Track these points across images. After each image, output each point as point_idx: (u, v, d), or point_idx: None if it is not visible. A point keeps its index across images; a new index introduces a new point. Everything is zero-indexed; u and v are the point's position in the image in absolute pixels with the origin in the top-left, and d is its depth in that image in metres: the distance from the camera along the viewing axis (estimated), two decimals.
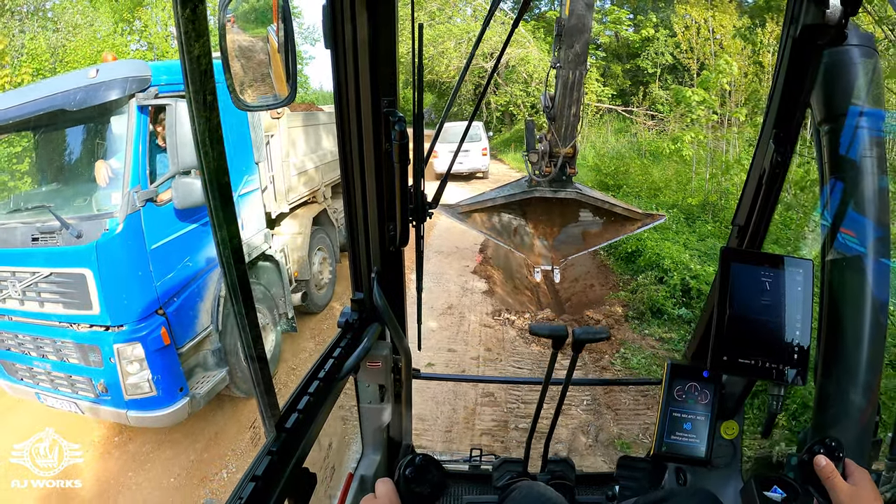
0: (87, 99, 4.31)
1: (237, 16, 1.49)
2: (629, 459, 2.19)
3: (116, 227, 4.38)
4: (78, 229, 4.35)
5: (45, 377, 5.03)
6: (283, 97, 1.39)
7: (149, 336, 4.55)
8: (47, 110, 4.43)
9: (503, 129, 31.17)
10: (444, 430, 5.21)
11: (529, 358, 6.54)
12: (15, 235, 4.60)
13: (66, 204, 4.68)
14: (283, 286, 6.62)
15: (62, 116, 4.53)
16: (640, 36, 23.23)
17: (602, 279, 9.44)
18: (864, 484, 1.14)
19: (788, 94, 1.55)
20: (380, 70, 1.52)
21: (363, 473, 2.06)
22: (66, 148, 5.14)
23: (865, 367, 1.58)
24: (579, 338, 1.82)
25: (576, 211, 8.15)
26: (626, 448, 4.91)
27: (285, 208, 7.10)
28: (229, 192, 0.93)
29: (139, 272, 4.56)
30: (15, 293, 4.68)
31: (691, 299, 7.50)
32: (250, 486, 1.06)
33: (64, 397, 4.99)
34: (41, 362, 4.94)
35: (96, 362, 4.59)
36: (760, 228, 1.76)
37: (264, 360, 1.12)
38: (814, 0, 1.31)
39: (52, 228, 4.42)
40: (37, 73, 13.64)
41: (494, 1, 1.91)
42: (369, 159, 1.64)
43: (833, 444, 1.22)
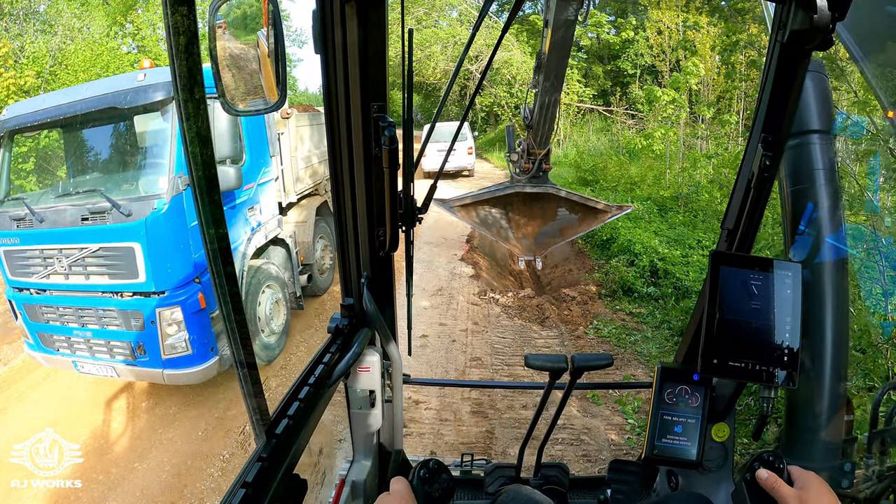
0: (136, 98, 5.00)
1: (227, 21, 1.50)
2: (621, 463, 2.21)
3: (163, 207, 5.03)
4: (128, 209, 4.99)
5: (84, 345, 5.59)
6: (272, 102, 1.41)
7: (188, 300, 5.21)
8: (100, 108, 5.10)
9: (488, 129, 31.92)
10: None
11: (512, 330, 7.27)
12: (65, 217, 5.21)
13: (114, 188, 5.28)
14: (293, 268, 7.39)
15: (112, 113, 5.14)
16: (621, 38, 24.00)
17: (579, 264, 10.21)
18: (810, 485, 1.16)
19: (776, 99, 1.54)
20: (369, 75, 1.50)
21: (354, 479, 2.03)
22: (114, 141, 5.76)
23: (831, 368, 1.66)
24: (579, 365, 1.79)
25: (553, 206, 9.34)
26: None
27: (293, 198, 7.84)
28: (218, 194, 0.94)
29: (181, 246, 5.20)
30: (61, 269, 5.28)
31: (659, 279, 8.28)
32: (241, 492, 1.06)
33: (102, 362, 5.57)
34: (81, 331, 5.52)
35: (137, 326, 5.21)
36: (749, 232, 1.72)
37: (254, 366, 1.12)
38: (802, 5, 1.30)
39: (102, 209, 5.04)
40: (39, 76, 14.11)
41: (483, 8, 1.91)
42: (359, 164, 1.63)
43: (771, 458, 1.22)
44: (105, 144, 5.80)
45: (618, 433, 5.07)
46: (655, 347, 6.65)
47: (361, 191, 1.67)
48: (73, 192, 5.50)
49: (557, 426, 3.29)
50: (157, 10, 19.22)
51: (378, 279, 1.89)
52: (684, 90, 13.10)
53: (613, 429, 5.13)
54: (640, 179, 14.70)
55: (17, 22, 15.79)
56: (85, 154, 5.95)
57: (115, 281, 5.21)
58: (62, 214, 5.24)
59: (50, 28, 16.36)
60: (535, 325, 7.42)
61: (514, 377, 6.15)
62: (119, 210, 4.98)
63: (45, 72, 14.34)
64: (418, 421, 5.29)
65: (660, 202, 12.58)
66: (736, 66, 15.75)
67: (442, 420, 5.32)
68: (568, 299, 7.98)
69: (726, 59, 16.37)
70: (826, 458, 1.67)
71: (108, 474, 5.06)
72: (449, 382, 5.76)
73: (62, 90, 6.03)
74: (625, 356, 6.48)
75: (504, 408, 5.47)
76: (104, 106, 5.08)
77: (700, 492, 1.78)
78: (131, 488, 4.87)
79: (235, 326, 1.04)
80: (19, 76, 13.72)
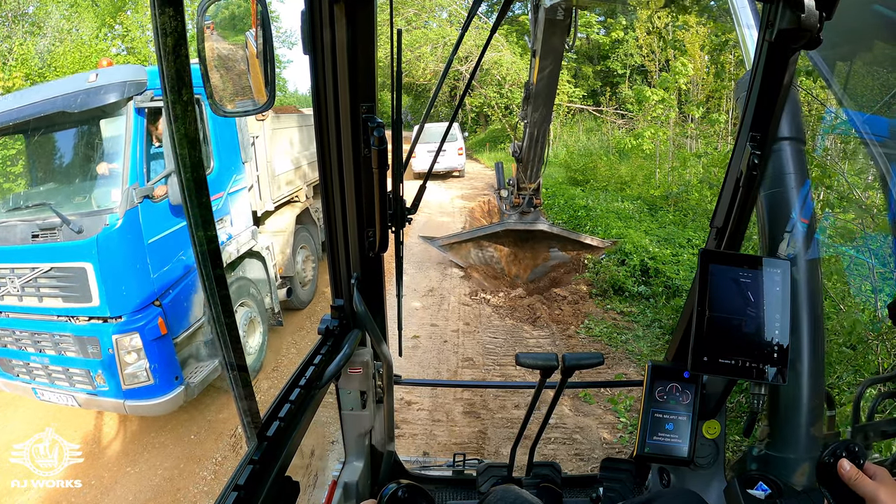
0: (87, 101, 4.52)
1: (216, 22, 1.50)
2: (613, 461, 2.24)
3: (116, 222, 4.59)
4: (79, 225, 4.55)
5: (43, 372, 5.14)
6: (261, 103, 1.40)
7: (146, 326, 4.73)
8: (48, 112, 4.60)
9: (478, 129, 32.01)
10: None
11: (503, 330, 7.29)
12: (14, 233, 4.77)
13: (66, 201, 4.87)
14: (270, 282, 6.93)
15: (61, 118, 4.74)
16: (610, 38, 24.09)
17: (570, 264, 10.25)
18: (885, 482, 1.14)
19: (764, 98, 1.54)
20: (358, 76, 1.50)
21: (346, 481, 2.03)
22: (65, 148, 5.30)
23: (809, 362, 1.67)
24: (570, 364, 1.82)
25: (545, 243, 9.50)
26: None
27: (270, 206, 7.41)
28: (207, 196, 0.94)
29: (137, 265, 4.76)
30: (14, 290, 4.83)
31: (649, 278, 8.32)
32: (233, 495, 1.06)
33: (61, 391, 5.12)
34: (39, 357, 5.07)
35: (94, 353, 4.76)
36: (738, 230, 1.74)
37: (244, 368, 1.11)
38: (790, 5, 1.30)
39: (52, 225, 4.60)
40: (27, 78, 13.99)
41: (472, 9, 1.90)
42: (348, 165, 1.63)
43: (856, 449, 1.18)
44: (55, 152, 5.38)
45: (610, 432, 5.09)
46: (647, 346, 6.68)
47: (351, 192, 1.67)
48: (24, 206, 5.10)
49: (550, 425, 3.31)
50: (147, 12, 19.11)
51: (368, 280, 1.89)
52: (673, 90, 13.16)
53: (606, 427, 5.16)
54: (630, 179, 14.80)
55: (5, 23, 15.67)
56: (35, 163, 5.53)
57: (68, 304, 4.78)
58: (12, 231, 4.81)
59: (39, 30, 16.25)
60: (527, 324, 7.43)
61: (505, 377, 6.16)
62: (69, 226, 4.55)
63: (33, 74, 14.22)
64: (411, 422, 5.28)
65: (650, 201, 12.68)
66: (725, 65, 15.85)
67: (434, 420, 5.32)
68: (559, 299, 8.00)
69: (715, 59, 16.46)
70: (809, 453, 1.67)
71: (101, 479, 5.01)
72: (440, 383, 5.78)
73: (14, 93, 5.48)
74: (616, 355, 6.51)
75: (496, 408, 5.48)
76: (53, 110, 4.60)
77: (692, 489, 1.78)
78: (123, 492, 4.83)
79: (225, 329, 1.04)
80: (7, 78, 13.59)
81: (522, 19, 24.11)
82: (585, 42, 26.20)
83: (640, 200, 12.78)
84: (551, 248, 9.63)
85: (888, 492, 1.11)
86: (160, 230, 5.00)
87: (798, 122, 1.77)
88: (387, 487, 1.32)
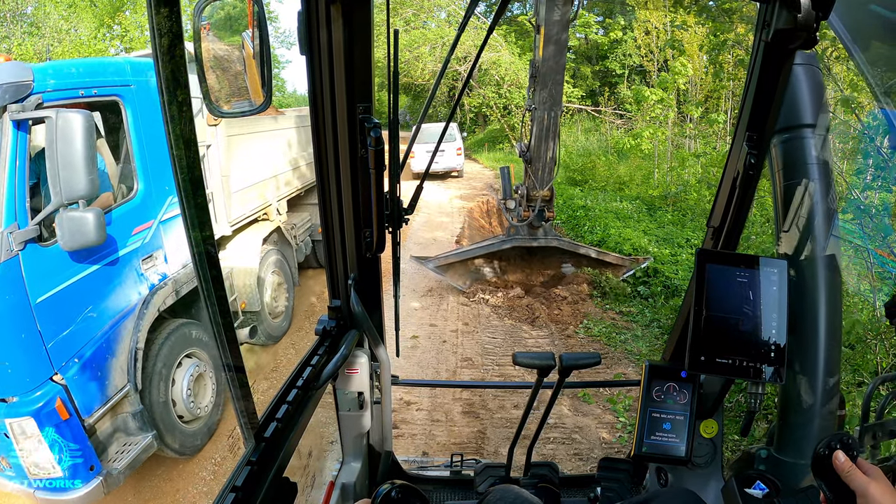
0: None
1: (212, 22, 1.50)
2: (610, 461, 2.22)
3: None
4: None
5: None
6: (258, 103, 1.38)
7: (42, 409, 3.63)
8: None
9: (476, 129, 32.04)
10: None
11: (502, 330, 7.28)
12: None
13: None
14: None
15: None
16: (609, 38, 24.12)
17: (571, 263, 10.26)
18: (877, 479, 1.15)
19: (761, 97, 1.54)
20: (355, 76, 1.50)
21: (344, 481, 2.03)
22: None
23: (824, 363, 1.65)
24: (568, 364, 1.81)
25: (556, 261, 8.63)
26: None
27: (227, 231, 6.14)
28: (203, 197, 0.94)
29: (21, 333, 3.56)
30: None
31: (648, 278, 8.33)
32: (231, 496, 1.06)
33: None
34: None
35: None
36: (735, 230, 1.74)
37: (241, 369, 1.10)
38: (786, 4, 1.30)
39: None
40: None
41: (469, 8, 1.92)
42: (345, 166, 1.62)
43: (850, 442, 1.19)
44: None
45: (609, 431, 5.09)
46: (645, 346, 6.68)
47: (347, 192, 1.67)
48: None
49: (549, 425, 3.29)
50: (145, 12, 19.11)
51: (365, 281, 1.89)
52: (672, 90, 13.21)
53: (605, 427, 5.15)
54: (628, 179, 14.83)
55: (3, 24, 15.68)
56: None
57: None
58: None
59: (37, 30, 16.29)
60: (526, 325, 7.43)
61: (504, 377, 6.16)
62: None
63: None
64: (410, 422, 5.27)
65: (649, 201, 12.69)
66: (723, 65, 15.88)
67: (433, 420, 5.31)
68: (558, 299, 7.99)
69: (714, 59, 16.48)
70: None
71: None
72: (438, 383, 5.75)
73: None
74: (615, 355, 6.51)
75: (495, 408, 5.48)
76: None
77: (689, 488, 1.77)
78: (122, 493, 4.81)
79: (222, 330, 1.04)
80: None
81: (521, 20, 24.13)
82: (584, 42, 26.25)
83: (639, 200, 12.81)
84: (563, 262, 8.68)
85: (879, 487, 1.12)
86: (56, 283, 3.77)
87: (820, 108, 1.73)
88: (380, 488, 1.30)
